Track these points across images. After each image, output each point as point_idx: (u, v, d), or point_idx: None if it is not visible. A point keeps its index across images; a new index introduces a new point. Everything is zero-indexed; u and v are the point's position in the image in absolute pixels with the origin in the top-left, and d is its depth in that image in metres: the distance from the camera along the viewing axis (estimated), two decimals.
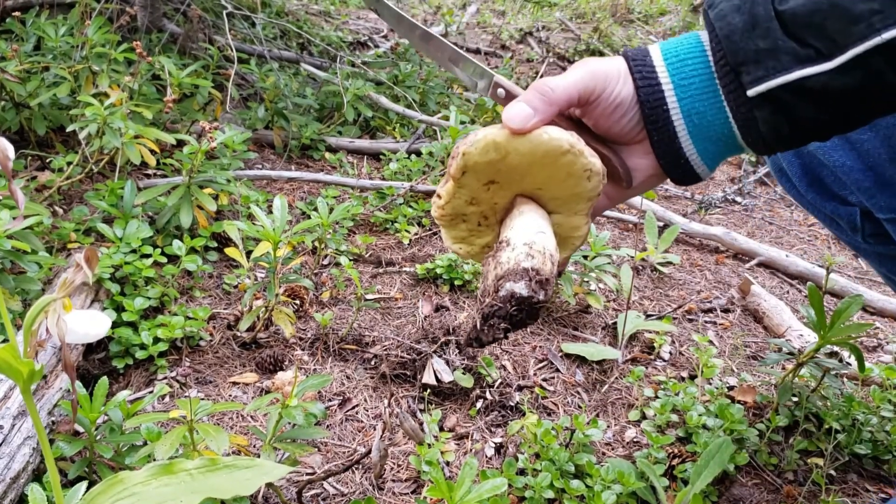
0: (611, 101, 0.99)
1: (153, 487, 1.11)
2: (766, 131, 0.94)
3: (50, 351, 1.83)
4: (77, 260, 0.91)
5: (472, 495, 1.37)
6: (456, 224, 1.05)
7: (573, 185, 0.98)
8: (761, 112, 0.93)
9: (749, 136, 0.97)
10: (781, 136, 0.94)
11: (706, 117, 0.98)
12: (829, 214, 1.56)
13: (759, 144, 0.97)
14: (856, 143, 1.38)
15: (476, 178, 0.97)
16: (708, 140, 1.00)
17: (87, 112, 2.47)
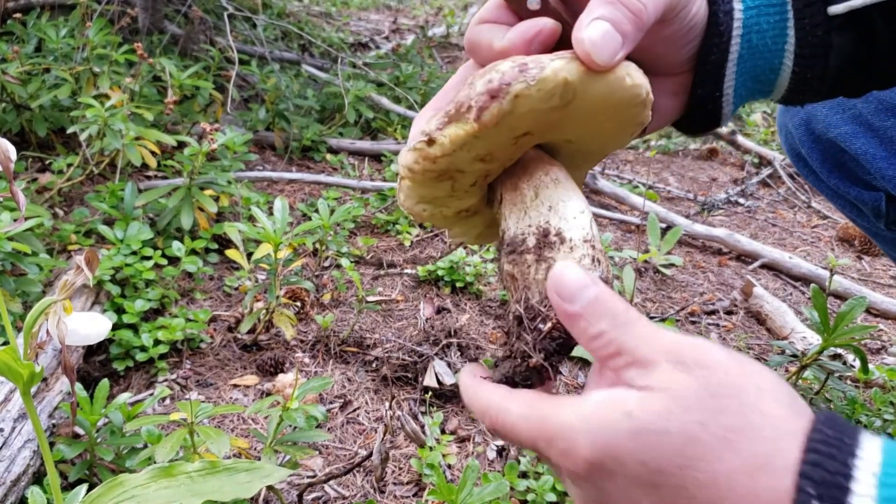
0: (686, 21, 0.79)
1: (153, 490, 1.10)
2: (836, 66, 0.79)
3: (50, 353, 1.83)
4: (77, 262, 0.90)
5: (474, 498, 1.36)
6: (438, 181, 0.76)
7: (617, 139, 0.79)
8: (842, 37, 0.78)
9: (804, 73, 0.81)
10: (849, 76, 0.81)
11: (765, 39, 0.80)
12: (851, 200, 1.48)
13: (806, 88, 0.82)
14: (879, 130, 1.33)
15: (512, 128, 0.69)
16: (748, 74, 0.83)
17: (88, 114, 2.47)
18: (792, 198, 3.78)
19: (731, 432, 0.54)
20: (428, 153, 0.71)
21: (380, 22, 6.11)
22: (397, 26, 6.00)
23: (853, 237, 3.31)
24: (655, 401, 0.55)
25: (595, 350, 0.61)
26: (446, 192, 0.78)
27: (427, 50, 5.22)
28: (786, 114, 1.55)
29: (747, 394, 0.56)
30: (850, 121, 1.38)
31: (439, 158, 0.71)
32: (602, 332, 0.60)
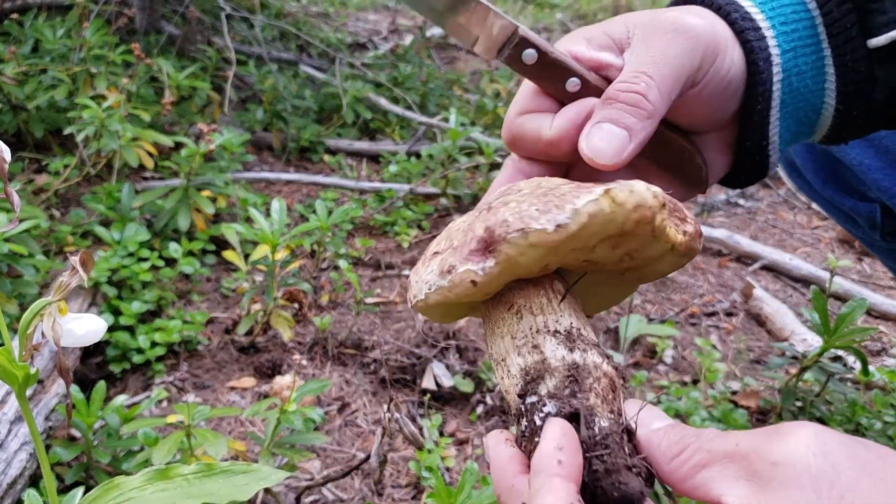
0: (721, 77, 0.73)
1: (149, 492, 1.09)
2: (882, 100, 0.75)
3: (47, 355, 1.82)
4: (73, 263, 0.89)
5: (473, 501, 1.35)
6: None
7: (653, 259, 0.68)
8: (885, 70, 0.74)
9: (849, 110, 0.76)
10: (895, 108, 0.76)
11: (805, 80, 0.76)
12: (846, 211, 1.47)
13: (850, 125, 0.78)
14: (874, 139, 1.30)
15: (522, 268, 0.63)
16: (791, 117, 0.78)
17: (85, 114, 2.46)
18: (792, 199, 3.77)
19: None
20: (448, 296, 0.65)
21: (378, 22, 6.11)
22: (396, 26, 6.00)
23: (853, 239, 3.30)
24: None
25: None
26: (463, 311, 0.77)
27: (425, 50, 5.21)
28: None
29: None
30: None
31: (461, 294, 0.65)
32: None
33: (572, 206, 0.58)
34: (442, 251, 0.66)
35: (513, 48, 0.74)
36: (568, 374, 0.60)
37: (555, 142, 0.74)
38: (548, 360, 0.62)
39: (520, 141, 0.76)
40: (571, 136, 0.72)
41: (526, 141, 0.75)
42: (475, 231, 0.62)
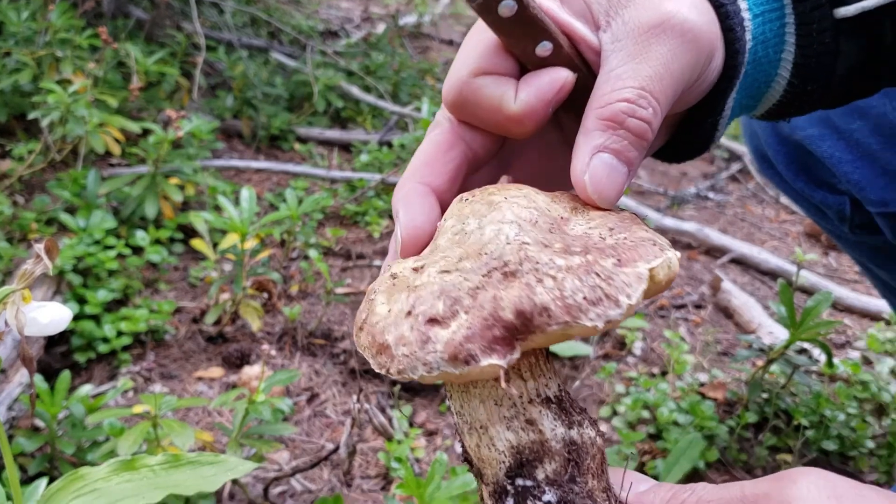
0: (711, 78, 0.66)
1: (115, 483, 1.08)
2: (843, 74, 0.70)
3: (10, 344, 1.78)
4: (37, 250, 0.88)
5: (442, 492, 1.35)
6: None
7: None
8: (850, 44, 0.69)
9: (804, 84, 0.70)
10: (852, 85, 0.72)
11: (768, 49, 0.69)
12: (816, 204, 1.46)
13: (802, 101, 0.72)
14: (845, 132, 1.31)
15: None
16: (745, 90, 0.71)
17: (50, 99, 2.42)
18: (761, 193, 3.81)
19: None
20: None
21: (350, 10, 6.07)
22: (368, 15, 5.96)
23: (820, 233, 3.34)
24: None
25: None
26: None
27: (398, 39, 5.19)
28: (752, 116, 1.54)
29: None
30: (816, 123, 1.36)
31: None
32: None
33: (627, 301, 0.50)
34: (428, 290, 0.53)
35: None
36: (568, 457, 0.55)
37: (518, 118, 0.62)
38: (548, 441, 0.55)
39: (471, 107, 0.63)
40: (538, 114, 0.62)
41: (480, 108, 0.63)
42: (499, 310, 0.50)
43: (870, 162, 1.30)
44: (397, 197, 0.65)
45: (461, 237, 0.57)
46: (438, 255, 0.56)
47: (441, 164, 0.65)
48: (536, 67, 0.63)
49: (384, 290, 0.55)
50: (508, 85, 0.62)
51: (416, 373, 0.51)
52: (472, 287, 0.51)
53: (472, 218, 0.58)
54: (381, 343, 0.53)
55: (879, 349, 2.38)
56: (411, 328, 0.51)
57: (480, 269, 0.52)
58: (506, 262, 0.52)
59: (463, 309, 0.51)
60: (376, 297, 0.55)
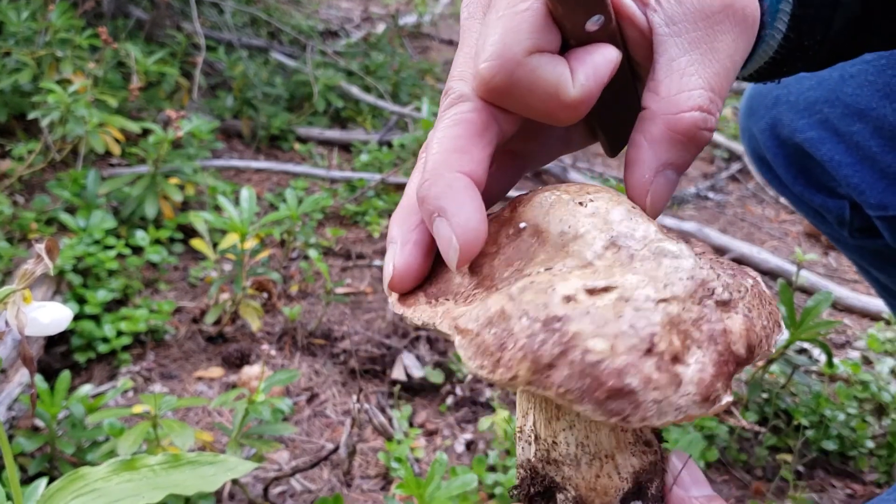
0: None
1: (115, 483, 1.08)
2: (839, 28, 0.66)
3: (10, 344, 1.78)
4: (38, 250, 0.88)
5: (442, 492, 1.35)
6: None
7: None
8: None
9: (801, 39, 0.65)
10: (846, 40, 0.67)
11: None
12: (815, 207, 1.45)
13: (796, 57, 0.67)
14: (845, 135, 1.30)
15: None
16: None
17: (50, 99, 2.41)
18: (761, 193, 3.81)
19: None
20: None
21: (350, 10, 6.07)
22: (368, 14, 5.96)
23: (820, 233, 3.34)
24: None
25: None
26: None
27: (398, 39, 5.19)
28: (750, 118, 1.52)
29: None
30: (816, 126, 1.35)
31: None
32: None
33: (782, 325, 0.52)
34: (652, 319, 0.46)
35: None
36: (662, 471, 0.54)
37: (575, 104, 0.53)
38: (660, 460, 0.53)
39: (523, 92, 0.53)
40: (593, 99, 0.54)
41: (534, 94, 0.53)
42: (732, 344, 0.47)
43: (869, 165, 1.29)
44: (434, 192, 0.53)
45: (602, 255, 0.50)
46: (599, 274, 0.48)
47: (478, 148, 0.54)
48: (580, 43, 0.54)
49: (578, 317, 0.45)
50: (564, 66, 0.53)
51: (663, 419, 0.45)
52: (694, 318, 0.47)
53: (598, 231, 0.51)
54: (618, 388, 0.44)
55: (879, 349, 2.38)
56: (658, 368, 0.44)
57: (690, 299, 0.47)
58: (713, 290, 0.48)
59: (695, 343, 0.46)
60: (572, 325, 0.45)
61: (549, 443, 0.51)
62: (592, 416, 0.44)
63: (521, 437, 0.54)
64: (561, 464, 0.52)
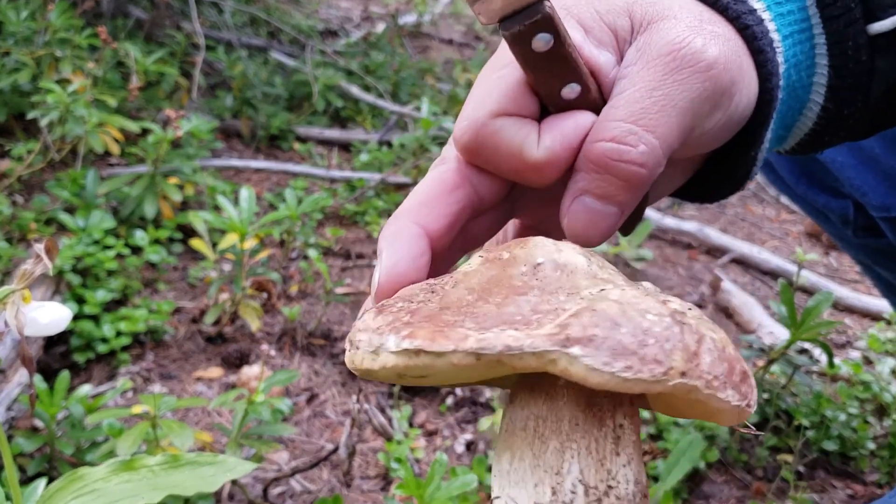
0: (737, 117, 0.60)
1: (114, 484, 1.08)
2: (879, 95, 0.63)
3: (9, 344, 1.78)
4: (37, 250, 0.88)
5: (442, 493, 1.35)
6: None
7: None
8: (886, 61, 0.62)
9: (840, 109, 0.64)
10: (886, 108, 0.65)
11: (801, 72, 0.63)
12: (819, 208, 1.45)
13: (836, 128, 0.66)
14: None
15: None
16: (780, 119, 0.65)
17: (49, 99, 2.41)
18: (761, 192, 3.81)
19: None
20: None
21: (350, 9, 6.06)
22: (368, 14, 5.96)
23: (820, 233, 3.34)
24: None
25: None
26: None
27: (398, 38, 5.19)
28: None
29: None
30: None
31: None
32: None
33: None
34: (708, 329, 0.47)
35: (527, 25, 0.51)
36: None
37: (539, 166, 0.56)
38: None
39: (487, 152, 0.56)
40: (561, 162, 0.56)
41: (498, 154, 0.56)
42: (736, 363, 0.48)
43: (872, 166, 1.28)
44: (384, 234, 0.58)
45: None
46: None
47: (442, 205, 0.58)
48: (559, 110, 0.57)
49: (694, 321, 0.47)
50: (531, 128, 0.56)
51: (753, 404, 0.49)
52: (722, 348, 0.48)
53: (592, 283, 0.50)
54: (744, 371, 0.48)
55: (880, 349, 2.38)
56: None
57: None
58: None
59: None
60: (687, 319, 0.46)
61: (602, 490, 0.46)
62: (728, 405, 0.46)
63: (554, 502, 0.46)
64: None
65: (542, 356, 0.43)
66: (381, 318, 0.48)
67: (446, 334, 0.45)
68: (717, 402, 0.46)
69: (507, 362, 0.43)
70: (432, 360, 0.45)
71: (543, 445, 0.47)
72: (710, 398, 0.45)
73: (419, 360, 0.45)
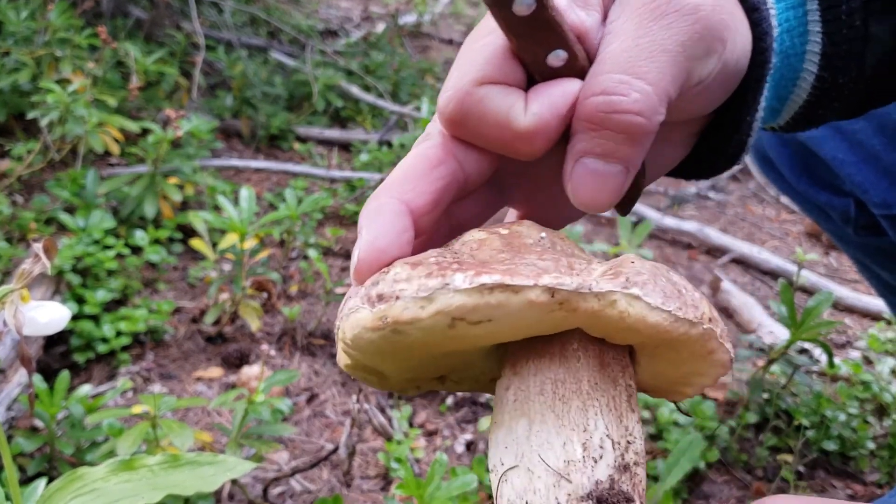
0: (730, 68, 0.57)
1: (113, 483, 1.08)
2: (874, 63, 0.62)
3: (9, 344, 1.78)
4: (36, 250, 0.87)
5: (442, 492, 1.35)
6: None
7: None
8: (881, 27, 0.61)
9: (836, 77, 0.63)
10: (883, 78, 0.64)
11: (794, 38, 0.62)
12: (820, 205, 1.44)
13: (833, 98, 0.65)
14: (848, 133, 1.29)
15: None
16: (773, 90, 0.64)
17: (49, 99, 2.41)
18: (761, 192, 3.81)
19: None
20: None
21: (350, 9, 6.06)
22: (368, 14, 5.96)
23: (820, 233, 3.34)
24: None
25: None
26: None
27: (398, 38, 5.19)
28: None
29: None
30: None
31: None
32: None
33: None
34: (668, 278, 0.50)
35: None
36: None
37: (527, 134, 0.53)
38: None
39: (473, 122, 0.54)
40: (550, 131, 0.53)
41: (484, 123, 0.54)
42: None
43: (873, 163, 1.28)
44: (365, 211, 0.55)
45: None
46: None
47: (426, 181, 0.55)
48: (546, 79, 0.55)
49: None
50: (517, 96, 0.54)
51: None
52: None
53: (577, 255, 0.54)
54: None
55: (880, 349, 2.38)
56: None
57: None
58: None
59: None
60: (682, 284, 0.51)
61: (623, 445, 0.49)
62: (729, 356, 0.52)
63: (586, 457, 0.47)
64: (635, 465, 0.49)
65: (605, 297, 0.46)
66: (420, 269, 0.47)
67: (519, 272, 0.45)
68: (724, 353, 0.51)
69: (570, 304, 0.45)
70: (508, 297, 0.45)
71: (566, 406, 0.48)
72: (720, 348, 0.51)
73: (492, 299, 0.45)
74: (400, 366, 0.54)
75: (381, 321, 0.47)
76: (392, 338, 0.48)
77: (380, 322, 0.47)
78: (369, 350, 0.50)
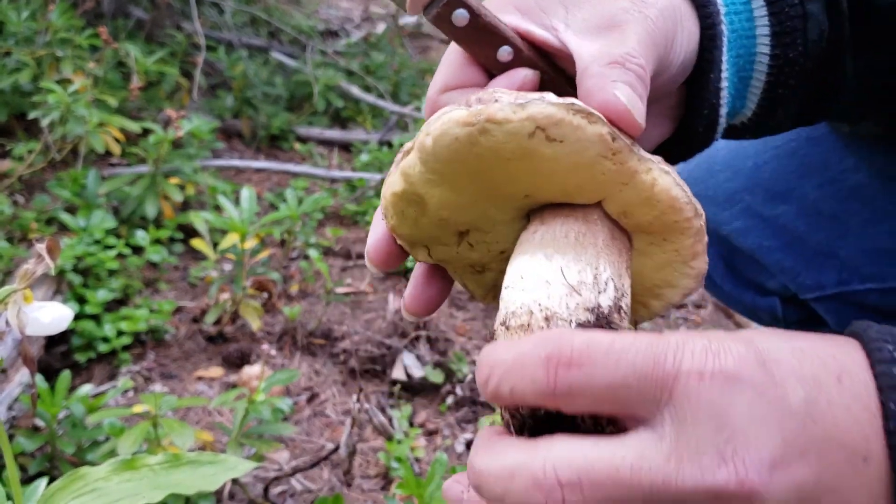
0: (682, 55, 0.65)
1: (115, 483, 1.08)
2: (815, 39, 0.69)
3: (10, 344, 1.78)
4: (38, 250, 0.88)
5: None
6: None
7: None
8: (814, 5, 0.68)
9: (786, 52, 0.69)
10: (825, 57, 0.70)
11: (742, 19, 0.69)
12: (748, 306, 1.37)
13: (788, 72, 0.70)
14: (770, 219, 1.23)
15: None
16: (734, 65, 0.70)
17: (50, 99, 2.41)
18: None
19: None
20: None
21: (350, 10, 6.07)
22: (368, 14, 5.96)
23: None
24: None
25: None
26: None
27: (398, 39, 5.19)
28: None
29: None
30: (740, 215, 1.26)
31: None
32: None
33: None
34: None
35: (442, 6, 0.61)
36: None
37: None
38: None
39: None
40: None
41: None
42: None
43: (799, 246, 1.22)
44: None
45: None
46: None
47: None
48: (502, 72, 0.64)
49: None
50: (473, 94, 0.58)
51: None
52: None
53: None
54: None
55: None
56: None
57: None
58: None
59: None
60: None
61: (618, 296, 0.56)
62: (702, 267, 0.63)
63: (594, 285, 0.55)
64: (624, 314, 0.57)
65: (645, 162, 0.55)
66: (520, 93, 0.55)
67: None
68: (703, 263, 0.62)
69: (620, 157, 0.54)
70: (585, 123, 0.52)
71: (584, 249, 0.57)
72: (702, 255, 0.61)
73: (574, 119, 0.52)
74: (449, 192, 0.58)
75: (475, 116, 0.52)
76: (475, 139, 0.52)
77: (473, 118, 0.52)
78: (442, 156, 0.54)
